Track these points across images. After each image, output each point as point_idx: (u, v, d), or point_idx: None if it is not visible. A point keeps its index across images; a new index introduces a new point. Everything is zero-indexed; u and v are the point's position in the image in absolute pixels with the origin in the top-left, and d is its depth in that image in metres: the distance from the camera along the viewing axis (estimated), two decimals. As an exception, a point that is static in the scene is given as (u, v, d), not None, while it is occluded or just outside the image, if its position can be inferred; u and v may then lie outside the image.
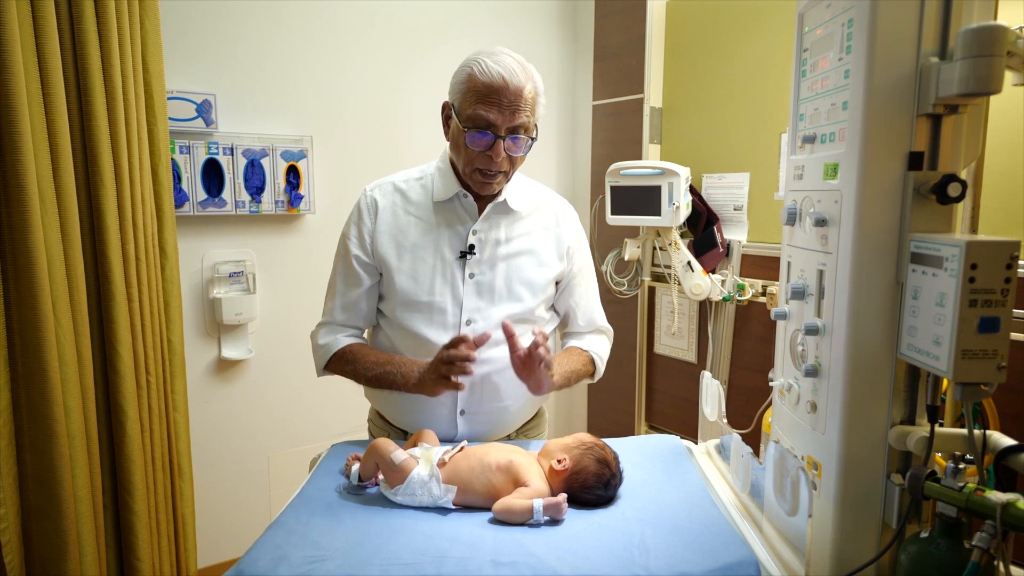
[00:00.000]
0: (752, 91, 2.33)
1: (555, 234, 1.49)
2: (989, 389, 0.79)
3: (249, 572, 0.94)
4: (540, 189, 1.55)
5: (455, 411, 1.40)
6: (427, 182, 1.46)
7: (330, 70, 2.53)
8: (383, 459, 1.13)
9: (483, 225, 1.42)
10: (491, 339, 1.34)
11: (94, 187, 1.88)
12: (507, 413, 1.44)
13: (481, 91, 1.29)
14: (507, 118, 1.30)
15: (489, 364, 1.38)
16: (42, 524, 1.79)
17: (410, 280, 1.40)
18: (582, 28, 3.12)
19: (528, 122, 1.33)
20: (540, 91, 1.36)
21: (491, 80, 1.28)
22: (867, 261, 0.87)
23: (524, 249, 1.45)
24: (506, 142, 1.32)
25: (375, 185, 1.49)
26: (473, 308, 1.39)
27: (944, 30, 0.83)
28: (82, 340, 1.87)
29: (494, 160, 1.32)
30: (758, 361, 2.41)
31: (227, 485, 2.50)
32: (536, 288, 1.44)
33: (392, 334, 1.45)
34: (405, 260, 1.41)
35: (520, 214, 1.46)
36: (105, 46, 1.85)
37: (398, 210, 1.45)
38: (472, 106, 1.30)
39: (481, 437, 1.42)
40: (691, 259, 2.42)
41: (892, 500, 0.89)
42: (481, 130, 1.30)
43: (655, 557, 0.96)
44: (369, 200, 1.46)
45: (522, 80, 1.30)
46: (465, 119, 1.31)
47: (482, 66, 1.29)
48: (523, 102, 1.30)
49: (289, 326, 2.56)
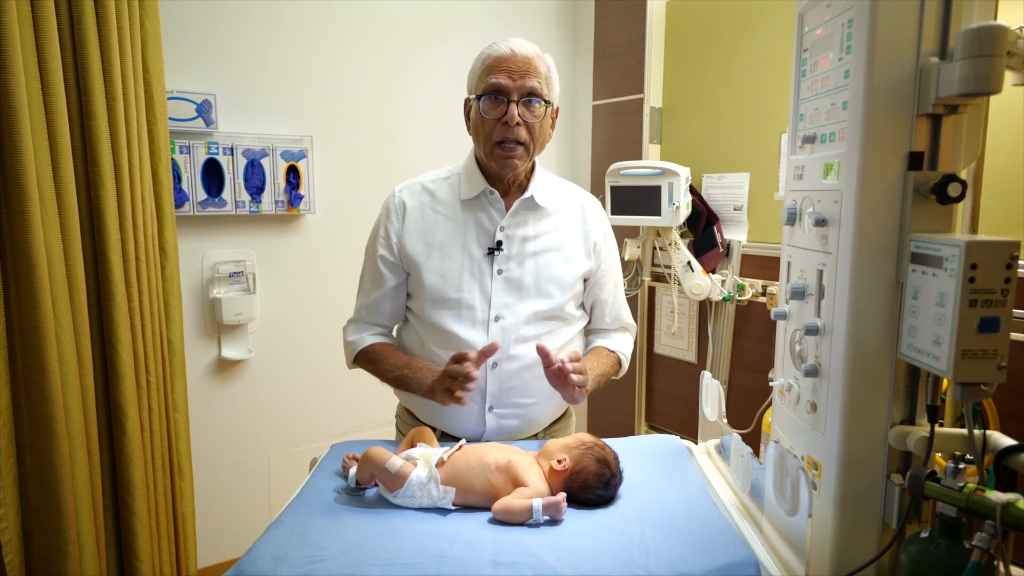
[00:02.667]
0: (752, 91, 2.33)
1: (582, 231, 1.50)
2: (989, 389, 0.79)
3: (249, 572, 0.94)
4: (567, 186, 1.56)
5: (484, 407, 1.41)
6: (454, 181, 1.49)
7: (330, 70, 2.53)
8: (378, 469, 1.12)
9: (510, 221, 1.44)
10: (520, 336, 1.39)
11: (94, 187, 1.88)
12: (535, 411, 1.45)
13: (492, 65, 1.36)
14: (518, 83, 1.34)
15: (518, 361, 1.40)
16: (42, 524, 1.79)
17: (439, 277, 1.42)
18: (582, 28, 3.12)
19: (540, 88, 1.37)
20: (552, 69, 1.42)
21: (500, 53, 1.36)
22: (867, 261, 0.87)
23: (552, 246, 1.46)
24: (519, 107, 1.35)
25: (404, 186, 1.52)
26: (502, 304, 1.41)
27: (944, 30, 0.83)
28: (82, 340, 1.87)
29: (509, 126, 1.35)
30: (758, 361, 2.41)
31: (227, 485, 2.50)
32: (564, 285, 1.45)
33: (421, 331, 1.46)
34: (434, 258, 1.43)
35: (547, 210, 1.47)
36: (105, 46, 1.85)
37: (426, 209, 1.47)
38: (485, 80, 1.36)
39: (509, 434, 1.43)
40: (691, 259, 2.42)
41: (892, 500, 0.89)
42: (494, 97, 1.35)
43: (655, 557, 0.96)
44: (397, 201, 1.49)
45: (531, 51, 1.37)
46: (480, 91, 1.37)
47: (493, 46, 1.38)
48: (533, 68, 1.36)
49: (289, 326, 2.56)
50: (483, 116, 1.37)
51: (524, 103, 1.35)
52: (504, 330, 1.40)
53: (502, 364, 1.40)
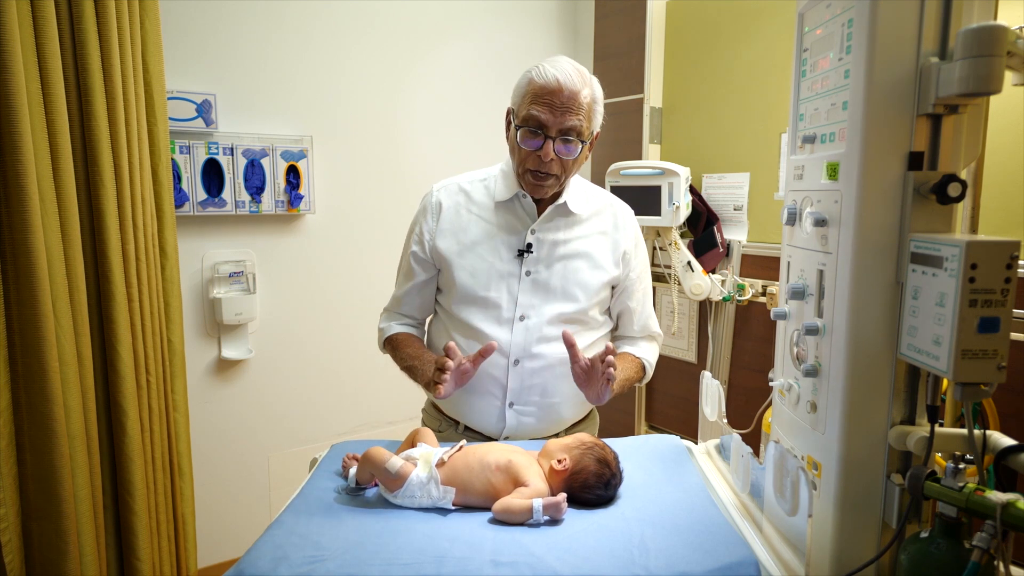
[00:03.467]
0: (752, 91, 2.33)
1: (612, 239, 1.52)
2: (989, 389, 0.79)
3: (249, 572, 0.94)
4: (601, 194, 1.58)
5: (504, 403, 1.44)
6: (490, 183, 1.51)
7: (330, 70, 2.53)
8: (378, 469, 1.12)
9: (542, 226, 1.46)
10: (543, 335, 1.42)
11: (94, 187, 1.88)
12: (556, 411, 1.47)
13: (536, 92, 1.34)
14: (558, 119, 1.33)
15: (540, 359, 1.42)
16: (42, 524, 1.79)
17: (469, 276, 1.44)
18: (582, 28, 3.12)
19: (580, 126, 1.35)
20: (598, 99, 1.40)
21: (546, 82, 1.32)
22: (867, 261, 0.87)
23: (581, 251, 1.47)
24: (556, 144, 1.34)
25: (441, 186, 1.54)
26: (527, 304, 1.43)
27: (944, 30, 0.83)
28: (82, 340, 1.87)
29: (543, 161, 1.35)
30: (758, 361, 2.41)
31: (227, 485, 2.50)
32: (590, 290, 1.47)
33: (449, 325, 1.50)
34: (466, 257, 1.46)
35: (579, 217, 1.49)
36: (105, 46, 1.85)
37: (461, 209, 1.49)
38: (527, 107, 1.35)
39: (530, 432, 1.45)
40: (691, 259, 2.42)
41: (892, 500, 0.89)
42: (532, 130, 1.34)
43: (655, 557, 0.96)
44: (434, 201, 1.51)
45: (577, 84, 1.33)
46: (520, 120, 1.36)
47: (540, 70, 1.34)
48: (576, 105, 1.33)
49: (289, 326, 2.56)
50: (519, 144, 1.37)
51: (561, 140, 1.35)
52: (528, 329, 1.42)
53: (523, 362, 1.42)
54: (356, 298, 2.67)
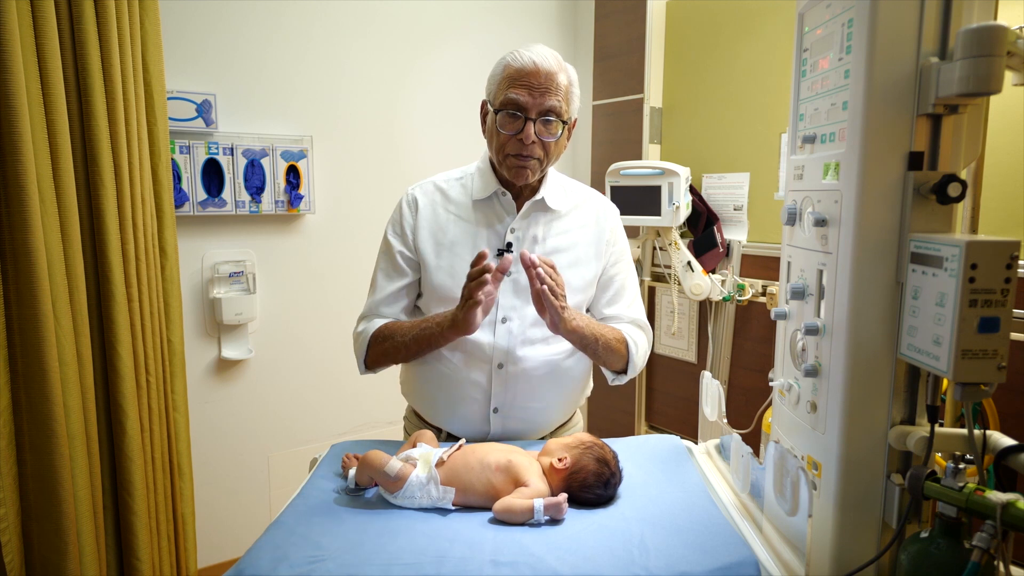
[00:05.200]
0: (752, 91, 2.33)
1: (594, 232, 1.49)
2: (989, 389, 0.79)
3: (249, 572, 0.94)
4: (580, 188, 1.55)
5: (488, 408, 1.41)
6: (467, 181, 1.48)
7: (330, 70, 2.53)
8: (377, 473, 1.12)
9: (521, 223, 1.43)
10: (527, 338, 1.38)
11: (94, 187, 1.88)
12: (540, 413, 1.44)
13: (513, 76, 1.33)
14: (537, 100, 1.32)
15: (524, 363, 1.39)
16: (42, 524, 1.79)
17: (448, 277, 1.41)
18: (582, 28, 3.12)
19: (559, 107, 1.34)
20: (574, 82, 1.39)
21: (523, 64, 1.32)
22: (867, 261, 0.87)
23: (562, 247, 1.44)
24: (537, 125, 1.33)
25: (416, 185, 1.51)
26: (509, 306, 1.40)
27: (944, 30, 0.83)
28: (82, 340, 1.87)
29: (525, 144, 1.33)
30: (758, 361, 2.41)
31: (227, 485, 2.50)
32: (573, 288, 1.42)
33: None
34: (444, 257, 1.42)
35: (559, 212, 1.47)
36: (105, 46, 1.85)
37: (438, 208, 1.46)
38: (505, 92, 1.33)
39: (514, 436, 1.43)
40: (691, 259, 2.42)
41: (892, 500, 0.89)
42: (512, 113, 1.33)
43: (655, 557, 0.96)
44: (410, 199, 1.48)
45: (554, 66, 1.33)
46: (499, 105, 1.34)
47: (515, 54, 1.34)
48: (554, 86, 1.33)
49: (289, 326, 2.56)
50: (499, 129, 1.35)
51: (542, 121, 1.33)
52: (510, 332, 1.39)
53: (507, 366, 1.39)
54: (356, 298, 2.62)
